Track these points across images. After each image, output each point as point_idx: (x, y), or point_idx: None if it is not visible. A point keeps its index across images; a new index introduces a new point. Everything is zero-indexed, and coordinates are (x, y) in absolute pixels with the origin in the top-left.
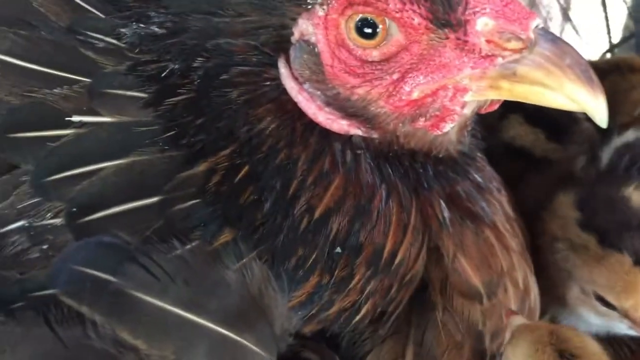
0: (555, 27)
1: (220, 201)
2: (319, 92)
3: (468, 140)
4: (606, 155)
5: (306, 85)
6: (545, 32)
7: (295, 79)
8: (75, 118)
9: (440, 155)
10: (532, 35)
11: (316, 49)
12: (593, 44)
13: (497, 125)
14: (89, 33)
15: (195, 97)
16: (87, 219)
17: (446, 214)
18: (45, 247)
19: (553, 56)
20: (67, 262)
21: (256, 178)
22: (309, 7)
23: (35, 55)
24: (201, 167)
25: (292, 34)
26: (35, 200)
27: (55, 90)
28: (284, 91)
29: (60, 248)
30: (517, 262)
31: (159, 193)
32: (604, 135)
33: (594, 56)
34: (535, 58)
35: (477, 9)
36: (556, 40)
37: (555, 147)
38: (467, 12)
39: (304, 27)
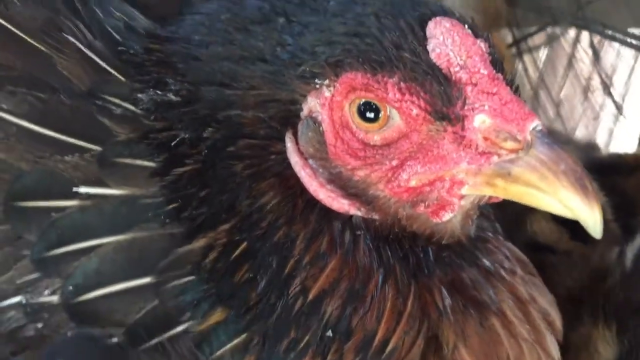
0: (596, 100)
1: (214, 279)
2: (321, 170)
3: (477, 223)
4: (630, 255)
5: (310, 161)
6: (542, 135)
7: (301, 154)
8: (82, 189)
9: (444, 241)
10: (528, 137)
11: (321, 128)
12: (633, 120)
13: (521, 216)
14: (107, 98)
15: (201, 168)
16: (82, 298)
17: (447, 302)
18: (40, 325)
19: (548, 161)
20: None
21: (253, 255)
22: (317, 86)
23: (51, 120)
24: (200, 243)
25: (301, 109)
26: (34, 276)
27: (66, 157)
28: (288, 166)
29: (55, 327)
30: (528, 350)
31: (155, 271)
32: (629, 233)
33: (633, 133)
34: (530, 160)
35: (475, 105)
36: (552, 145)
37: (578, 245)
38: (465, 108)
39: (312, 105)
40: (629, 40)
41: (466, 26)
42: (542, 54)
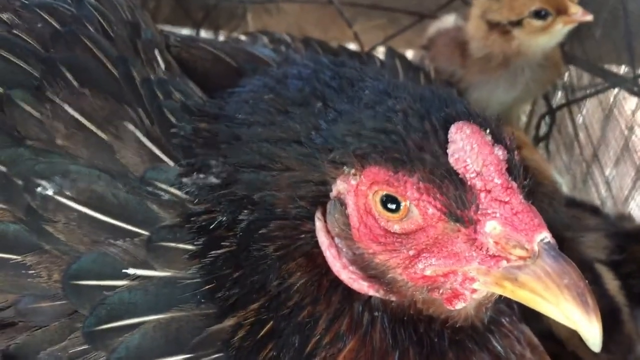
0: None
1: (241, 356)
2: (345, 250)
3: (493, 307)
4: None
5: (336, 240)
6: (549, 247)
7: (328, 233)
8: (131, 271)
9: (458, 325)
10: (536, 248)
11: (347, 211)
12: None
13: None
14: (157, 184)
15: (236, 251)
16: None
17: None
18: None
19: (553, 273)
20: None
21: (278, 334)
22: (345, 172)
23: (107, 207)
24: (230, 322)
25: (330, 190)
26: (84, 347)
27: (118, 242)
28: (316, 244)
29: None
30: None
31: (188, 349)
32: None
33: None
34: (536, 270)
35: (488, 212)
36: (558, 258)
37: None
38: (479, 213)
39: (341, 187)
40: None
41: (487, 131)
42: (594, 117)
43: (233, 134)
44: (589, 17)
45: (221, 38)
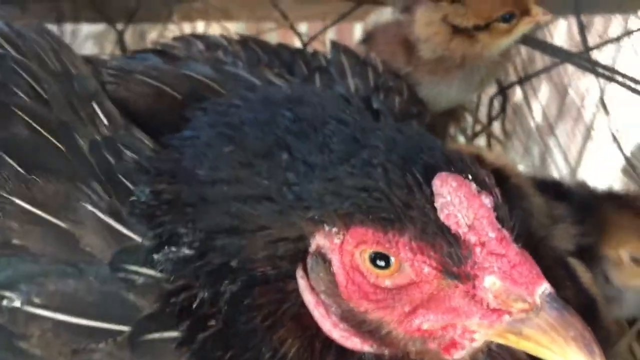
0: (588, 116)
1: None
2: (334, 307)
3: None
4: None
5: (322, 296)
6: (551, 299)
7: (313, 290)
8: None
9: None
10: (538, 301)
11: (332, 269)
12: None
13: None
14: (128, 268)
15: (223, 329)
16: None
17: None
18: None
19: (558, 326)
20: None
21: None
22: (326, 228)
23: (82, 307)
24: None
25: (309, 244)
26: None
27: (100, 345)
28: (302, 304)
29: None
30: None
31: None
32: None
33: (627, 151)
34: (540, 323)
35: (485, 266)
36: (562, 310)
37: None
38: (476, 267)
39: (321, 242)
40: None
41: (470, 177)
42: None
43: (198, 194)
44: (548, 17)
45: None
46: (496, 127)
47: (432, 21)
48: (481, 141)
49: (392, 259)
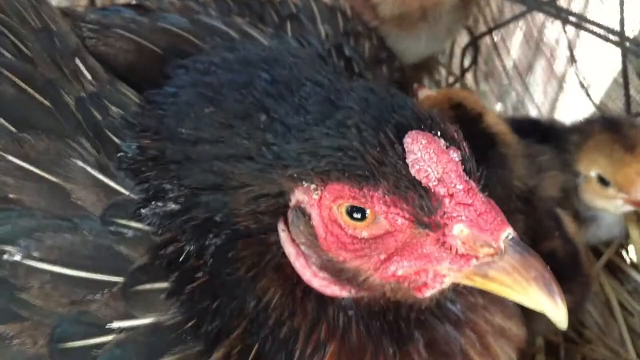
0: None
1: None
2: (314, 258)
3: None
4: None
5: (303, 248)
6: (514, 243)
7: (294, 242)
8: (115, 325)
9: (423, 306)
10: (502, 245)
11: (311, 222)
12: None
13: None
14: (118, 221)
15: (209, 280)
16: None
17: None
18: None
19: (520, 267)
20: None
21: (265, 356)
22: (304, 184)
23: (79, 260)
24: (219, 354)
25: (289, 200)
26: None
27: (97, 296)
28: (283, 255)
29: None
30: None
31: None
32: None
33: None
34: (504, 265)
35: (454, 215)
36: (523, 253)
37: None
38: (445, 217)
39: (300, 197)
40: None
41: (439, 134)
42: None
43: (181, 152)
44: None
45: None
46: (469, 78)
47: None
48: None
49: (368, 212)
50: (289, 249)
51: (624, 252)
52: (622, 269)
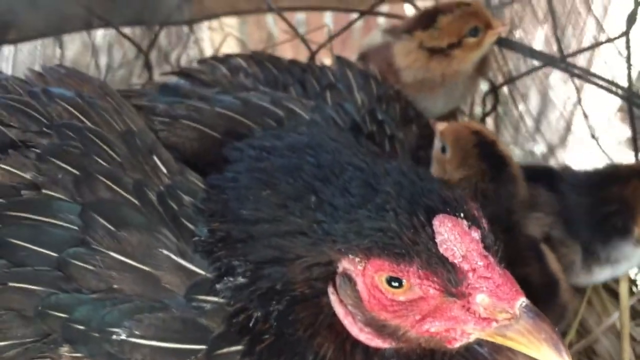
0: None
1: None
2: (360, 316)
3: None
4: None
5: (350, 308)
6: (527, 310)
7: (342, 303)
8: None
9: (454, 351)
10: (517, 312)
11: (356, 287)
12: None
13: None
14: (199, 297)
15: (275, 340)
16: None
17: None
18: None
19: (533, 330)
20: None
21: None
22: (350, 257)
23: (170, 334)
24: None
25: (337, 267)
26: None
27: None
28: (334, 315)
29: None
30: None
31: None
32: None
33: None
34: (520, 328)
35: (477, 286)
36: (536, 318)
37: None
38: (469, 287)
39: (346, 266)
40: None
41: (462, 215)
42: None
43: (245, 232)
44: (506, 27)
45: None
46: (490, 123)
47: (409, 51)
48: None
49: (404, 281)
50: (338, 309)
51: None
52: None
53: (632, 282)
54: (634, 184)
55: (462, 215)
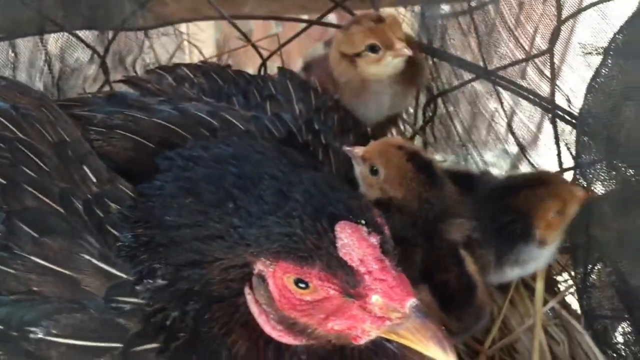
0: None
1: None
2: (273, 314)
3: None
4: None
5: (264, 307)
6: (416, 310)
7: (257, 302)
8: None
9: (363, 347)
10: (407, 311)
11: (268, 287)
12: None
13: None
14: (118, 299)
15: (190, 338)
16: None
17: None
18: None
19: (421, 329)
20: None
21: None
22: (262, 259)
23: (87, 333)
24: None
25: (253, 269)
26: None
27: (101, 359)
28: (249, 313)
29: None
30: None
31: None
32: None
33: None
34: (409, 326)
35: (372, 287)
36: (423, 318)
37: None
38: (366, 288)
39: (260, 267)
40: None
41: (363, 222)
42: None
43: (167, 237)
44: (409, 52)
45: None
46: (428, 132)
47: (333, 49)
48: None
49: (310, 283)
50: (254, 308)
51: None
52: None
53: (555, 282)
54: (524, 194)
55: (363, 222)
